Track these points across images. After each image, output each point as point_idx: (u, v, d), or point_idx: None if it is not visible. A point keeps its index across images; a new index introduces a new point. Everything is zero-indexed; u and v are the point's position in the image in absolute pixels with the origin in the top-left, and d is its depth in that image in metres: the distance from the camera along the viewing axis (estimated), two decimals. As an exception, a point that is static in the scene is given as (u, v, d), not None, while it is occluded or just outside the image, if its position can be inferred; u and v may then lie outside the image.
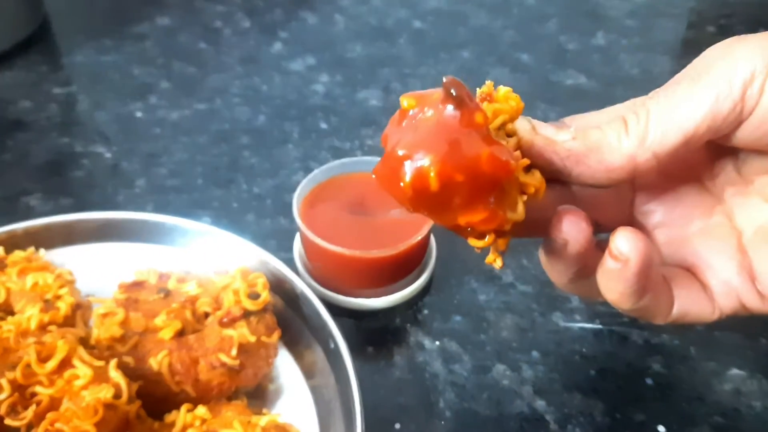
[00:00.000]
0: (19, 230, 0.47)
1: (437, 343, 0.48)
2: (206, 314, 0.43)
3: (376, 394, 0.45)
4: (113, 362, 0.37)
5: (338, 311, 0.47)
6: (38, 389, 0.35)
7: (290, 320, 0.45)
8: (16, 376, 0.35)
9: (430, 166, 0.24)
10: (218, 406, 0.40)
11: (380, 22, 0.82)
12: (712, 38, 0.27)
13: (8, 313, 0.42)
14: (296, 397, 0.43)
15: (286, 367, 0.44)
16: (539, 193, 0.27)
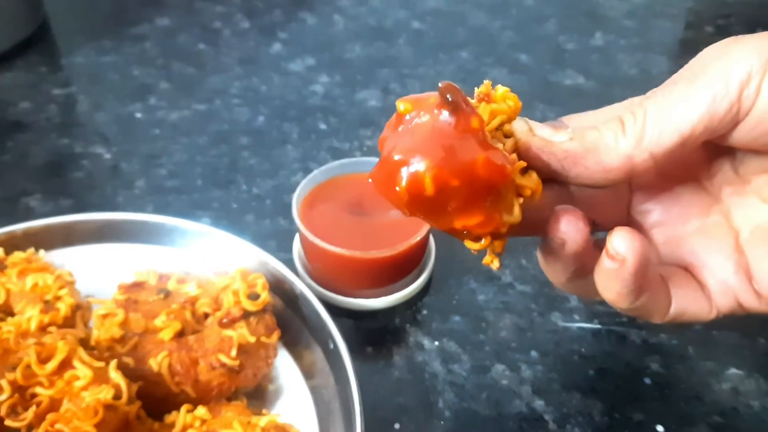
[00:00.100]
0: (18, 231, 0.47)
1: (436, 343, 0.48)
2: (206, 315, 0.43)
3: (375, 394, 0.45)
4: (113, 363, 0.37)
5: (337, 311, 0.47)
6: (38, 390, 0.35)
7: (290, 321, 0.45)
8: (16, 377, 0.35)
9: (425, 171, 0.24)
10: (218, 406, 0.40)
11: (379, 22, 0.82)
12: (710, 38, 0.27)
13: (8, 314, 0.42)
14: (296, 397, 0.43)
15: (285, 367, 0.44)
16: (536, 195, 0.27)
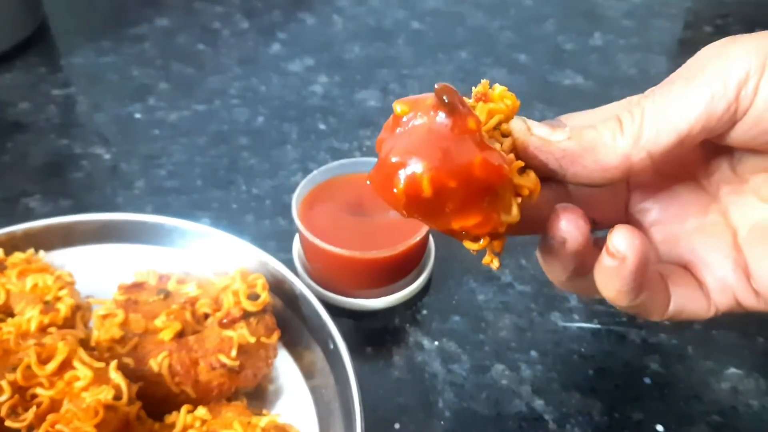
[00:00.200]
0: (18, 232, 0.48)
1: (436, 343, 0.49)
2: (206, 315, 0.43)
3: (375, 394, 0.45)
4: (113, 363, 0.37)
5: (337, 312, 0.47)
6: (39, 391, 0.35)
7: (290, 321, 0.45)
8: (16, 377, 0.35)
9: (422, 172, 0.24)
10: (218, 406, 0.40)
11: (378, 22, 0.82)
12: (708, 38, 0.27)
13: (8, 314, 0.42)
14: (296, 397, 0.43)
15: (285, 367, 0.45)
16: (534, 194, 0.27)
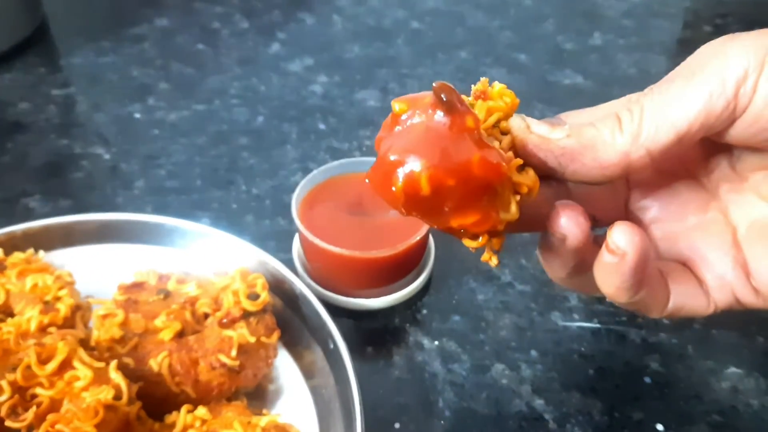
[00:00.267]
0: (18, 232, 0.48)
1: (436, 342, 0.48)
2: (206, 315, 0.43)
3: (375, 393, 0.45)
4: (113, 363, 0.37)
5: (337, 311, 0.47)
6: (39, 391, 0.35)
7: (290, 321, 0.45)
8: (16, 377, 0.35)
9: (421, 171, 0.24)
10: (218, 406, 0.40)
11: (378, 22, 0.82)
12: (708, 38, 0.27)
13: (8, 314, 0.42)
14: (296, 397, 0.43)
15: (285, 367, 0.45)
16: (533, 192, 0.27)
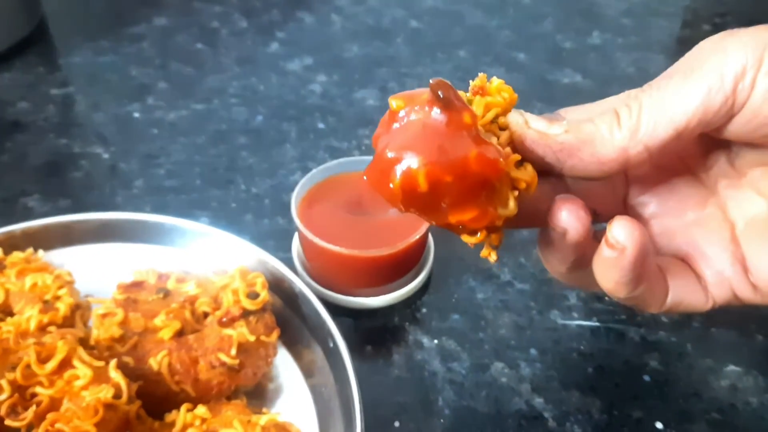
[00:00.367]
0: (17, 231, 0.47)
1: (436, 341, 0.49)
2: (205, 314, 0.43)
3: (375, 392, 0.45)
4: (113, 362, 0.37)
5: (337, 310, 0.47)
6: (38, 390, 0.35)
7: (289, 319, 0.45)
8: (16, 376, 0.35)
9: (418, 167, 0.24)
10: (218, 405, 0.40)
11: (377, 21, 0.82)
12: (707, 36, 0.27)
13: (7, 314, 0.42)
14: (296, 396, 0.43)
15: (285, 366, 0.45)
16: (531, 188, 0.27)
